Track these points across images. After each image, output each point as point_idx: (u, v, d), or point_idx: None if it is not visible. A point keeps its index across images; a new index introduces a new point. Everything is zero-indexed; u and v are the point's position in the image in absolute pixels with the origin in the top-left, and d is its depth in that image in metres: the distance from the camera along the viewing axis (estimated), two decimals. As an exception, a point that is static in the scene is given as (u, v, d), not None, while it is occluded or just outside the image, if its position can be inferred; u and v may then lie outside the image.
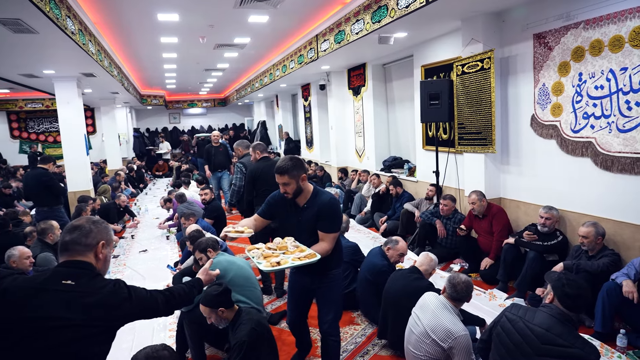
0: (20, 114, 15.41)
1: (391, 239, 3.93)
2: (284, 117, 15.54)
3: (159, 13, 6.00)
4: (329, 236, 2.64)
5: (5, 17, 4.16)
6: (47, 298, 1.54)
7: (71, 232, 1.71)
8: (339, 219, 2.70)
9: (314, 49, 7.79)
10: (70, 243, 1.68)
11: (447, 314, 2.71)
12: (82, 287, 1.59)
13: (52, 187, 5.56)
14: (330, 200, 2.67)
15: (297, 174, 2.61)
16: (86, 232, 1.71)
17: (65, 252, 1.69)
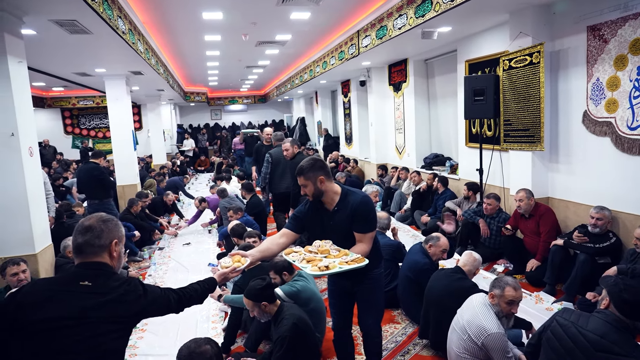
0: (73, 111, 16.20)
1: (432, 236, 3.86)
2: (323, 114, 15.57)
3: (204, 12, 6.14)
4: (366, 236, 2.55)
5: (62, 19, 4.38)
6: (65, 298, 1.60)
7: (83, 234, 1.71)
8: (374, 217, 2.61)
9: (355, 44, 7.75)
10: (84, 245, 1.70)
11: (484, 311, 2.65)
12: (99, 287, 1.65)
13: (103, 180, 5.83)
14: (362, 199, 2.57)
15: (314, 175, 2.52)
16: (98, 233, 1.72)
17: (80, 254, 1.71)
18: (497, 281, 2.67)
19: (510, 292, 2.58)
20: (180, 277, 5.32)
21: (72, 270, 1.74)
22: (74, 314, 1.57)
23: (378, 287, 2.75)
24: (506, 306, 2.61)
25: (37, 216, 4.01)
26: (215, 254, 5.98)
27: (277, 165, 5.91)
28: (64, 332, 1.55)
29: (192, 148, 17.14)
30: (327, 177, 2.56)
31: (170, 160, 13.73)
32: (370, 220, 2.57)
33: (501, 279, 2.68)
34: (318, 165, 2.55)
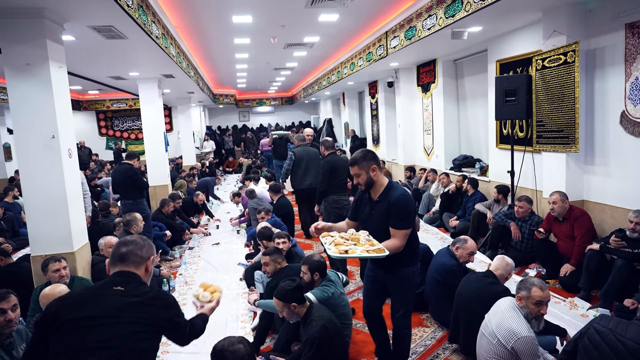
0: (107, 113, 16.72)
1: (459, 238, 3.82)
2: (350, 115, 15.56)
3: (234, 15, 6.24)
4: (399, 232, 2.63)
5: (100, 25, 4.54)
6: (100, 300, 1.75)
7: (127, 245, 1.90)
8: (408, 215, 2.65)
9: (383, 46, 7.72)
10: (127, 254, 1.87)
11: (513, 314, 2.61)
12: (131, 291, 1.79)
13: (137, 181, 5.99)
14: (400, 196, 2.66)
15: (367, 164, 2.71)
16: (141, 246, 1.91)
17: (120, 262, 1.87)
18: (522, 283, 2.66)
19: (537, 292, 2.57)
20: (210, 276, 5.42)
21: (107, 279, 1.87)
22: (107, 312, 1.71)
23: (409, 284, 2.85)
24: (534, 307, 2.58)
25: (75, 215, 4.16)
26: (244, 254, 6.07)
27: (300, 162, 6.47)
28: (97, 330, 1.68)
29: (212, 150, 17.19)
30: (379, 167, 2.75)
31: (199, 162, 13.98)
32: (403, 218, 2.64)
33: (526, 280, 2.66)
34: (370, 155, 2.75)
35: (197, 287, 2.42)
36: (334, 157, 5.53)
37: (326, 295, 3.32)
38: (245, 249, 6.43)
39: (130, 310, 1.74)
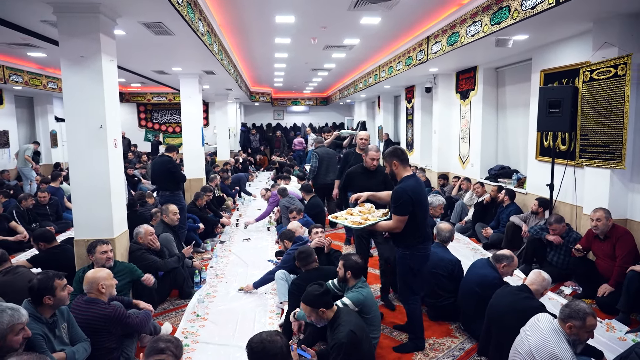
0: (147, 106, 17.23)
1: (505, 255, 3.69)
2: (384, 119, 15.48)
3: (277, 15, 6.32)
4: (394, 216, 3.32)
5: (150, 21, 4.70)
6: None
7: (166, 341, 2.14)
8: (400, 205, 3.25)
9: (423, 50, 7.65)
10: (165, 349, 2.09)
11: (556, 338, 2.53)
12: None
13: (175, 173, 6.15)
14: (398, 187, 3.32)
15: (390, 159, 3.42)
16: (176, 345, 2.17)
17: (159, 353, 2.09)
18: (573, 312, 2.55)
19: (592, 321, 2.52)
20: (240, 270, 5.51)
21: None
22: None
23: (402, 263, 3.47)
24: (586, 335, 2.54)
25: (117, 203, 4.32)
26: (274, 251, 6.13)
27: (322, 162, 7.45)
28: None
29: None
30: (400, 163, 3.40)
31: (233, 157, 14.22)
32: (396, 205, 3.28)
33: (577, 309, 2.54)
34: (395, 152, 3.43)
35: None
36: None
37: (361, 298, 3.32)
38: (275, 246, 6.50)
39: None
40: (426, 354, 3.54)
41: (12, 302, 3.21)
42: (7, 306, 2.37)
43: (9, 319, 2.30)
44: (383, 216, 3.49)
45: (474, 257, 5.90)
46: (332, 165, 7.46)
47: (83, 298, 3.25)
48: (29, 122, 12.61)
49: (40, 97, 12.38)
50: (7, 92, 10.67)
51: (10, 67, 9.08)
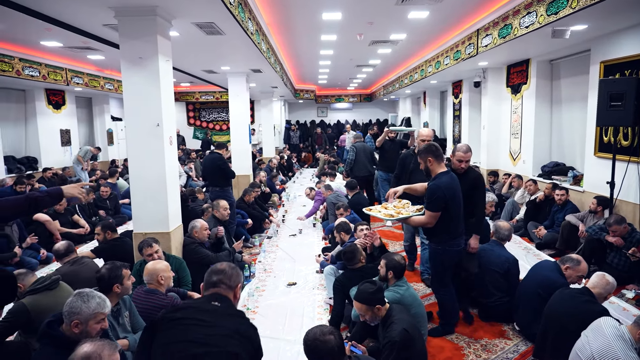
0: (196, 105, 17.76)
1: (571, 258, 3.51)
2: (430, 114, 15.18)
3: (324, 12, 6.34)
4: (426, 212, 3.42)
5: (202, 22, 4.84)
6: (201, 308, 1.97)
7: (217, 273, 2.09)
8: (433, 200, 3.36)
9: (473, 44, 7.44)
10: (218, 282, 2.07)
11: (622, 345, 2.40)
12: (224, 308, 1.99)
13: (225, 170, 6.34)
14: (431, 184, 3.43)
15: (425, 156, 3.52)
16: (229, 275, 2.10)
17: (213, 287, 2.08)
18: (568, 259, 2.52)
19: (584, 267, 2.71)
20: (288, 266, 5.60)
21: (204, 298, 2.09)
22: (207, 317, 1.92)
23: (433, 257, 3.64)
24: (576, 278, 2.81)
25: (172, 199, 4.50)
26: (321, 247, 6.18)
27: (359, 155, 8.11)
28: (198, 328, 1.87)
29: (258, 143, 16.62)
30: (435, 159, 3.48)
31: (277, 154, 14.42)
32: (429, 202, 3.39)
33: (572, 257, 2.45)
34: (430, 149, 3.51)
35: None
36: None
37: (398, 296, 3.30)
38: (321, 242, 6.55)
39: (226, 321, 1.92)
40: (478, 354, 3.46)
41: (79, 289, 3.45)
42: (96, 294, 2.49)
43: (96, 306, 2.41)
44: (417, 212, 3.57)
45: (527, 257, 5.70)
46: (368, 158, 8.23)
47: (143, 288, 3.41)
48: (87, 122, 13.33)
49: (98, 98, 13.06)
50: (69, 94, 11.33)
51: (72, 70, 9.62)
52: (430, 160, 3.49)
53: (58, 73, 9.14)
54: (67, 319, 2.38)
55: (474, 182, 3.82)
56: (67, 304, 2.42)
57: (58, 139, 11.00)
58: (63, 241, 4.14)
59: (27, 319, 2.95)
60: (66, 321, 2.38)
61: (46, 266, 5.72)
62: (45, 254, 5.81)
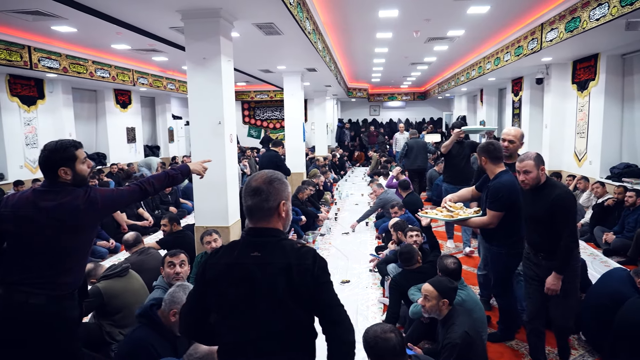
0: (251, 104, 18.22)
1: None
2: (487, 113, 14.68)
3: (380, 10, 6.31)
4: (489, 212, 3.26)
5: (262, 22, 4.98)
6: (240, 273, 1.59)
7: (252, 196, 1.63)
8: (496, 200, 3.21)
9: (537, 39, 7.13)
10: (253, 209, 1.63)
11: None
12: (267, 257, 1.59)
13: (281, 167, 6.48)
14: (495, 183, 3.28)
15: (480, 154, 3.38)
16: (266, 196, 1.62)
17: (250, 217, 1.66)
18: None
19: None
20: (341, 264, 5.63)
21: (245, 238, 1.68)
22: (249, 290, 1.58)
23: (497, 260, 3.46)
24: None
25: (231, 194, 4.66)
26: (374, 247, 6.17)
27: (411, 150, 8.86)
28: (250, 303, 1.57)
29: None
30: (490, 159, 3.35)
31: (330, 153, 14.50)
32: (493, 201, 3.24)
33: None
34: (487, 149, 3.37)
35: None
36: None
37: (459, 300, 3.23)
38: (374, 241, 6.53)
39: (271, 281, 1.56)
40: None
41: (145, 278, 3.67)
42: (189, 287, 2.51)
43: (183, 298, 2.38)
44: (475, 213, 3.39)
45: (593, 263, 5.40)
46: (420, 153, 8.92)
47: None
48: (151, 120, 14.05)
49: (161, 97, 13.72)
50: (135, 93, 11.99)
51: (138, 71, 10.18)
52: (483, 159, 3.36)
53: (126, 74, 9.70)
54: (166, 307, 2.46)
55: (553, 203, 2.81)
56: (170, 292, 2.52)
57: (124, 136, 11.68)
58: (132, 232, 4.40)
59: (101, 301, 3.18)
60: (165, 308, 2.47)
61: (114, 255, 6.10)
62: (113, 243, 6.19)
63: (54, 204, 2.13)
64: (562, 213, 2.80)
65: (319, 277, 1.58)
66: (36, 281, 2.12)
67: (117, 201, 2.35)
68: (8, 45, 6.60)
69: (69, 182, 2.19)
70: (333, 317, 1.59)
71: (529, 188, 2.90)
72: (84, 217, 2.18)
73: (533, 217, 2.96)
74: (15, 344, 2.15)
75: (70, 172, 2.19)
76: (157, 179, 2.53)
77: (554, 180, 3.00)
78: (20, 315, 2.10)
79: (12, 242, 2.18)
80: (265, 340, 1.57)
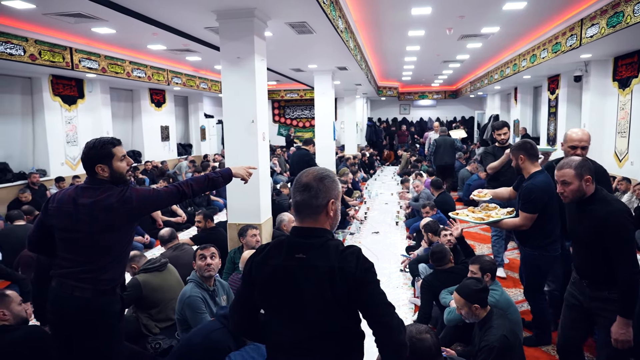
0: (281, 102, 18.35)
1: None
2: (522, 112, 14.30)
3: (413, 7, 6.24)
4: (521, 214, 3.20)
5: (295, 21, 5.01)
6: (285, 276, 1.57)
7: (301, 192, 1.59)
8: (530, 201, 3.13)
9: (576, 35, 6.89)
10: (302, 205, 1.59)
11: None
12: (311, 260, 1.54)
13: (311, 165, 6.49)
14: (528, 184, 3.20)
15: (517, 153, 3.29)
16: (315, 193, 1.57)
17: (298, 213, 1.63)
18: None
19: None
20: (371, 262, 5.60)
21: (290, 239, 1.63)
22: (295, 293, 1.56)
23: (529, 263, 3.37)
24: None
25: (263, 192, 4.71)
26: (404, 246, 6.11)
27: (439, 147, 9.28)
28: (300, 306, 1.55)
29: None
30: (528, 157, 3.26)
31: (359, 152, 14.44)
32: (525, 202, 3.17)
33: None
34: (523, 146, 3.29)
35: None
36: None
37: (493, 301, 3.17)
38: (405, 241, 6.47)
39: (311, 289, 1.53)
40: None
41: (179, 273, 3.76)
42: None
43: None
44: (508, 214, 3.37)
45: (635, 267, 5.18)
46: (447, 149, 9.29)
47: (238, 276, 3.63)
48: (183, 119, 14.35)
49: (194, 96, 14.00)
50: (169, 93, 12.28)
51: (172, 71, 10.41)
52: (522, 157, 3.26)
53: (160, 74, 9.94)
54: None
55: (603, 224, 2.30)
56: None
57: (159, 134, 11.98)
58: (167, 228, 4.52)
59: (140, 294, 3.27)
60: None
61: (149, 250, 6.27)
62: (148, 239, 6.36)
63: (91, 200, 2.18)
64: (615, 236, 2.26)
65: (363, 279, 1.52)
66: (81, 276, 2.19)
67: (154, 202, 2.32)
68: (52, 46, 6.87)
69: (107, 180, 2.23)
70: (380, 317, 1.54)
71: (571, 202, 2.46)
72: (117, 215, 2.19)
73: (576, 237, 2.55)
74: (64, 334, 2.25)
75: (107, 169, 2.22)
76: (196, 181, 2.48)
77: (605, 193, 2.41)
78: (66, 307, 2.18)
79: (59, 237, 2.26)
80: (313, 341, 1.56)
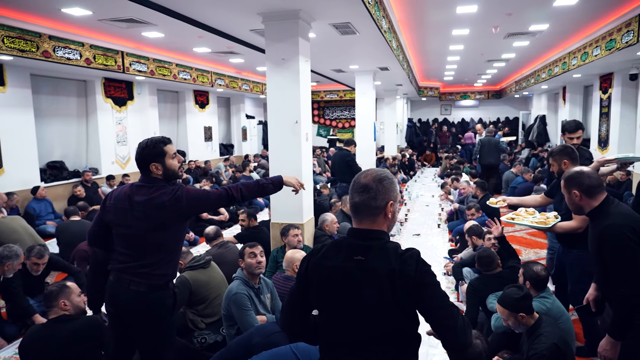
0: (320, 103, 18.42)
1: None
2: (571, 112, 13.69)
3: (458, 6, 6.11)
4: (575, 216, 3.07)
5: (339, 22, 5.02)
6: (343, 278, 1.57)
7: (360, 193, 1.59)
8: None
9: (632, 31, 6.55)
10: (360, 206, 1.59)
11: None
12: (370, 262, 1.54)
13: (352, 166, 6.51)
14: None
15: (560, 158, 3.32)
16: (374, 194, 1.57)
17: (356, 214, 1.63)
18: None
19: None
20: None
21: (349, 240, 1.62)
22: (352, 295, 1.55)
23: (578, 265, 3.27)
24: None
25: (306, 192, 4.74)
26: (446, 249, 6.00)
27: (483, 147, 9.81)
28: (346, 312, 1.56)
29: None
30: (571, 162, 3.23)
31: (399, 153, 14.30)
32: None
33: None
34: (565, 151, 3.30)
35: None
36: None
37: (544, 309, 3.06)
38: (447, 244, 6.35)
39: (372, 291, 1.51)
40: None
41: (224, 271, 3.84)
42: None
43: None
44: (555, 218, 3.32)
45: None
46: (492, 150, 9.79)
47: (282, 275, 3.67)
48: (226, 120, 14.67)
49: (236, 98, 14.29)
50: (212, 94, 12.61)
51: (216, 73, 10.68)
52: (565, 162, 3.26)
53: (205, 76, 10.21)
54: None
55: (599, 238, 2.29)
56: None
57: (202, 135, 12.32)
58: (212, 226, 4.63)
59: (190, 291, 3.37)
60: None
61: (193, 247, 6.44)
62: (192, 236, 6.54)
63: (145, 198, 2.26)
64: (610, 252, 2.19)
65: (422, 282, 1.51)
66: (136, 271, 2.28)
67: (203, 203, 2.36)
68: (105, 51, 7.20)
69: (160, 177, 2.32)
70: (442, 320, 1.52)
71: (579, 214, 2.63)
72: (167, 214, 2.25)
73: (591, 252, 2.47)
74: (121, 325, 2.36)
75: (161, 167, 2.31)
76: (246, 186, 2.49)
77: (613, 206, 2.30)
78: (123, 300, 2.29)
79: (115, 232, 2.37)
80: (369, 343, 1.55)
